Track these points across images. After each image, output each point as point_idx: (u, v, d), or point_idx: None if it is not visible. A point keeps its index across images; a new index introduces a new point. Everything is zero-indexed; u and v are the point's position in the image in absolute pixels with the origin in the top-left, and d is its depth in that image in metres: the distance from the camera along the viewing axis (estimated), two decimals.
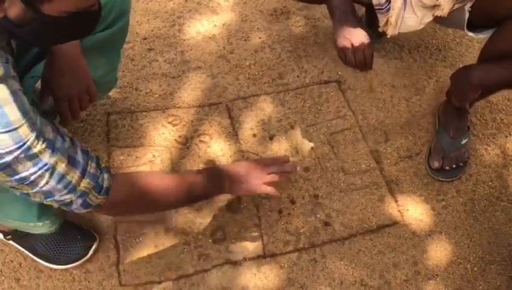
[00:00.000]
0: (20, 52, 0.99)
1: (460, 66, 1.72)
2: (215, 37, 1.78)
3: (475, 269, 1.36)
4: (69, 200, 0.90)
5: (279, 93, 1.66)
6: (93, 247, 1.29)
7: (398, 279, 1.33)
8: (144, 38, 1.77)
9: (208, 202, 1.41)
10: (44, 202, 0.89)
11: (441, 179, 1.49)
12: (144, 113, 1.58)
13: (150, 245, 1.33)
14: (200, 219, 1.38)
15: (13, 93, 0.77)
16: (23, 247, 1.28)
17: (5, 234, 1.27)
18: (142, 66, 1.70)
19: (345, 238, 1.39)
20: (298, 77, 1.70)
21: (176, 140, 1.52)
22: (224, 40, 1.78)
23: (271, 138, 1.56)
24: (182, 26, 1.81)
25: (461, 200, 1.47)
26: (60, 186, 0.85)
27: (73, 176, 0.87)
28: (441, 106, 1.58)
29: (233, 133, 1.55)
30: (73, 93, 1.16)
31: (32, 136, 0.79)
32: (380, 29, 1.39)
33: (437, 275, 1.34)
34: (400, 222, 1.42)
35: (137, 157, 1.49)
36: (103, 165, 0.97)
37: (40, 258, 1.27)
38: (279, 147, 1.53)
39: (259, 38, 1.79)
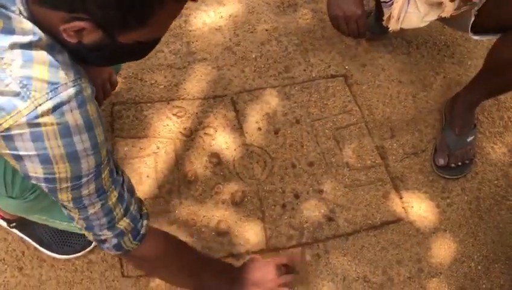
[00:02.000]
0: None
1: (469, 63, 1.72)
2: (222, 29, 1.77)
3: (479, 267, 1.35)
4: (104, 238, 0.89)
5: (285, 87, 1.64)
6: None
7: (401, 276, 1.32)
8: None
9: (212, 194, 1.41)
10: (83, 232, 0.88)
11: (446, 176, 1.48)
12: (148, 104, 1.57)
13: None
14: (203, 212, 1.38)
15: (98, 112, 0.76)
16: (27, 235, 1.28)
17: (9, 222, 1.27)
18: (147, 56, 1.68)
19: (349, 234, 1.38)
20: (304, 70, 1.69)
21: (180, 132, 1.52)
22: (231, 31, 1.76)
23: (276, 132, 1.55)
24: (188, 17, 1.80)
25: (466, 198, 1.46)
26: (104, 220, 0.85)
27: (118, 212, 0.86)
28: (448, 102, 1.57)
29: (238, 126, 1.54)
30: (97, 82, 1.18)
31: (106, 159, 0.79)
32: (383, 23, 1.38)
33: (440, 273, 1.34)
34: (404, 218, 1.41)
35: (141, 149, 1.48)
36: (144, 211, 0.95)
37: (44, 247, 1.27)
38: (284, 141, 1.52)
39: (266, 30, 1.77)
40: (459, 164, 1.47)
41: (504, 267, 1.36)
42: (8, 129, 0.68)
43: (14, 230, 1.28)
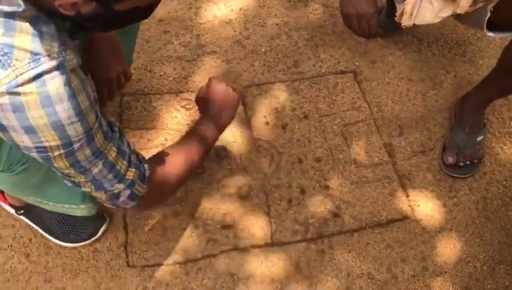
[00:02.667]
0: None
1: (480, 62, 1.71)
2: (232, 22, 1.76)
3: (484, 268, 1.35)
4: (117, 191, 0.91)
5: (294, 82, 1.64)
6: (103, 227, 1.30)
7: (406, 274, 1.32)
8: (160, 20, 1.75)
9: (218, 187, 1.41)
10: (94, 194, 0.90)
11: (454, 175, 1.47)
12: (157, 96, 1.58)
13: (159, 228, 1.34)
14: (209, 204, 1.38)
15: (82, 81, 0.78)
16: (34, 223, 1.29)
17: (17, 209, 1.28)
18: (157, 48, 1.69)
19: (354, 230, 1.38)
20: (314, 66, 1.68)
21: (188, 124, 1.52)
22: (241, 25, 1.76)
23: (284, 127, 1.54)
24: (198, 9, 1.79)
25: (473, 198, 1.45)
26: (110, 175, 0.87)
27: (121, 165, 0.89)
28: (458, 101, 1.56)
29: (245, 120, 1.54)
30: (112, 75, 1.21)
31: (96, 125, 0.80)
32: (396, 19, 1.36)
33: (445, 272, 1.33)
34: (410, 217, 1.41)
35: (149, 140, 1.48)
36: (141, 156, 0.99)
37: (51, 235, 1.29)
38: (292, 136, 1.52)
39: (276, 24, 1.77)
40: (468, 162, 1.46)
41: (510, 268, 1.35)
42: None
43: (22, 217, 1.30)
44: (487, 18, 1.26)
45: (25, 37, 0.69)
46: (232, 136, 1.50)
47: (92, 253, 1.30)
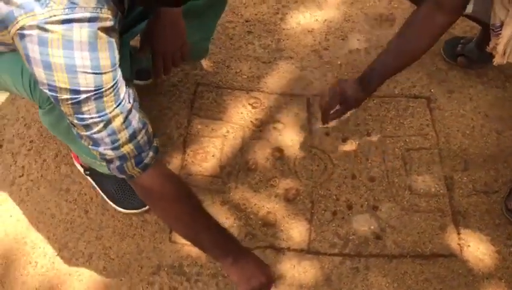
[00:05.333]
0: (127, 12, 1.11)
1: None
2: (314, 31, 1.80)
3: None
4: (109, 158, 0.94)
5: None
6: None
7: None
8: (246, 21, 1.84)
9: (267, 186, 1.45)
10: (91, 149, 0.95)
11: None
12: (229, 90, 1.66)
13: None
14: (255, 200, 1.43)
15: (110, 43, 0.85)
16: (97, 184, 1.43)
17: (85, 169, 1.43)
18: (238, 46, 1.77)
19: (394, 256, 1.35)
20: (388, 85, 1.66)
21: (251, 121, 1.58)
22: (322, 35, 1.79)
23: (344, 140, 1.55)
24: (284, 15, 1.85)
25: None
26: (108, 139, 0.91)
27: (122, 136, 0.91)
28: None
29: (307, 127, 1.57)
30: (169, 49, 1.27)
31: (109, 86, 0.86)
32: (487, 49, 1.31)
33: None
34: (457, 255, 1.34)
35: (213, 130, 1.57)
36: (155, 145, 0.99)
37: (108, 198, 1.41)
38: (350, 151, 1.52)
39: (357, 40, 1.77)
40: None
41: None
42: (22, 28, 0.77)
43: (88, 177, 1.44)
44: None
45: None
46: (290, 140, 1.54)
47: (141, 222, 1.40)
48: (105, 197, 1.42)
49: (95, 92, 0.84)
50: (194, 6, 1.27)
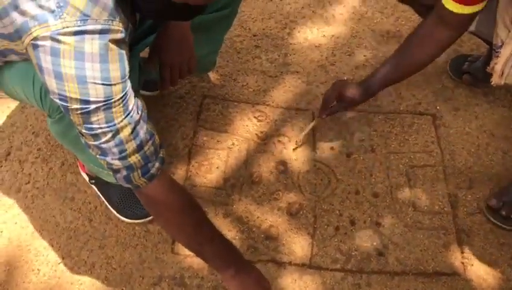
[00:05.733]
0: (138, 25, 1.13)
1: None
2: (321, 47, 1.82)
3: None
4: (116, 167, 0.96)
5: (369, 114, 1.64)
6: None
7: None
8: (254, 35, 1.86)
9: (270, 199, 1.45)
10: (98, 158, 0.96)
11: (493, 220, 1.39)
12: (235, 103, 1.67)
13: None
14: (258, 213, 1.43)
15: (121, 54, 0.88)
16: (101, 193, 1.44)
17: (90, 178, 1.44)
18: (245, 60, 1.79)
19: (396, 273, 1.34)
20: (393, 102, 1.67)
21: (256, 134, 1.59)
22: (329, 51, 1.80)
23: (348, 155, 1.55)
24: (292, 30, 1.87)
25: None
26: (115, 149, 0.92)
27: (130, 146, 0.93)
28: None
29: (311, 142, 1.57)
30: (176, 60, 1.29)
31: (118, 97, 0.88)
32: (487, 70, 1.32)
33: None
34: (460, 274, 1.33)
35: (218, 141, 1.58)
36: (161, 155, 1.01)
37: (112, 207, 1.42)
38: (354, 166, 1.52)
39: (364, 56, 1.78)
40: None
41: None
42: (36, 38, 0.80)
43: (93, 186, 1.45)
44: None
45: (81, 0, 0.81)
46: (295, 154, 1.54)
47: (144, 232, 1.41)
48: (109, 206, 1.43)
49: (104, 103, 0.86)
50: (203, 21, 1.29)
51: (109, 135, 0.90)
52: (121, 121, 0.89)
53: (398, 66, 1.36)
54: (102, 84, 0.84)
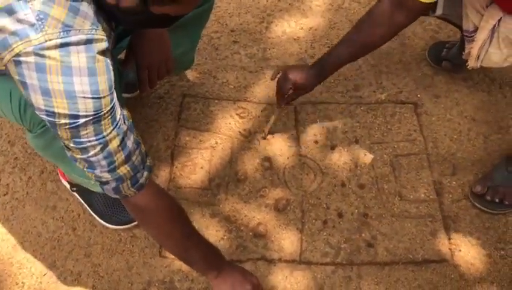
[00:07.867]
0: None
1: None
2: (299, 40, 1.80)
3: None
4: (105, 180, 0.94)
5: (351, 105, 1.64)
6: None
7: None
8: (232, 31, 1.83)
9: (257, 197, 1.44)
10: (86, 171, 0.94)
11: (478, 205, 1.40)
12: (216, 101, 1.65)
13: (195, 225, 1.39)
14: (245, 211, 1.42)
15: (107, 65, 0.85)
16: (84, 201, 1.40)
17: (72, 185, 1.40)
18: (224, 56, 1.77)
19: (386, 263, 1.34)
20: (374, 92, 1.67)
21: (239, 132, 1.57)
22: (308, 43, 1.79)
23: (332, 148, 1.54)
24: (269, 24, 1.85)
25: None
26: (104, 162, 0.90)
27: (119, 158, 0.91)
28: None
29: (295, 136, 1.56)
30: (153, 62, 1.27)
31: (107, 109, 0.85)
32: (463, 56, 1.32)
33: None
34: (448, 260, 1.34)
35: (201, 141, 1.56)
36: (148, 164, 1.00)
37: (96, 214, 1.39)
38: (339, 159, 1.52)
39: None
40: (497, 200, 1.38)
41: None
42: (18, 55, 0.76)
43: (75, 194, 1.41)
44: None
45: (61, 10, 0.77)
46: (279, 149, 1.53)
47: (130, 237, 1.38)
48: (93, 213, 1.39)
49: (93, 116, 0.83)
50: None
51: (98, 148, 0.88)
52: (110, 132, 0.87)
53: (350, 47, 1.34)
54: (92, 98, 0.82)
